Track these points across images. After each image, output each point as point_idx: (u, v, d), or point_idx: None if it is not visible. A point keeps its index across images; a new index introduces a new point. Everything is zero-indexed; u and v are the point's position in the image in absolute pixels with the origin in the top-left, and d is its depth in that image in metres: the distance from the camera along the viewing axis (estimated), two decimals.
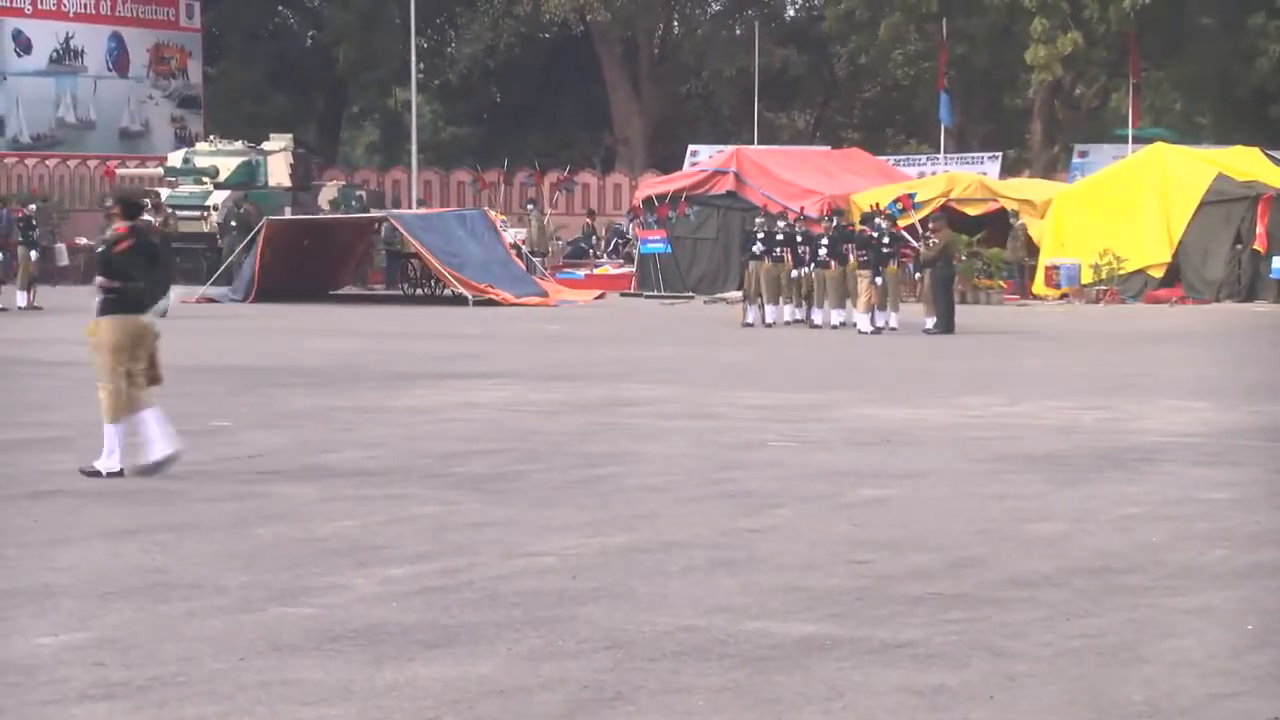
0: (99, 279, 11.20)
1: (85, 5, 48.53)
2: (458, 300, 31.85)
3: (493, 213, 36.37)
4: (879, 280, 25.79)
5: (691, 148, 44.24)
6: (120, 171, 44.18)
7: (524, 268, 34.67)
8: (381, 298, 35.27)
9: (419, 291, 34.57)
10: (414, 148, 43.53)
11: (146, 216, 30.00)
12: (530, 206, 40.50)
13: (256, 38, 54.62)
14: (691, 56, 51.09)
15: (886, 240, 26.41)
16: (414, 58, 42.75)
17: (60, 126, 48.30)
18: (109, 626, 7.08)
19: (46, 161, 46.07)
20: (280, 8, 56.59)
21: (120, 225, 11.26)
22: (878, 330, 25.63)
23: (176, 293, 28.71)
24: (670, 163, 44.27)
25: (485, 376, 18.23)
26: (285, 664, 6.54)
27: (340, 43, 51.18)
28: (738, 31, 51.78)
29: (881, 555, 8.70)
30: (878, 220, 27.25)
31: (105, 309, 11.12)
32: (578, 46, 51.71)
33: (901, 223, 28.80)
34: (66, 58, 48.58)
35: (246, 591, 7.74)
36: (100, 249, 11.44)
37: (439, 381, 17.63)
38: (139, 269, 11.17)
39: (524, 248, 36.43)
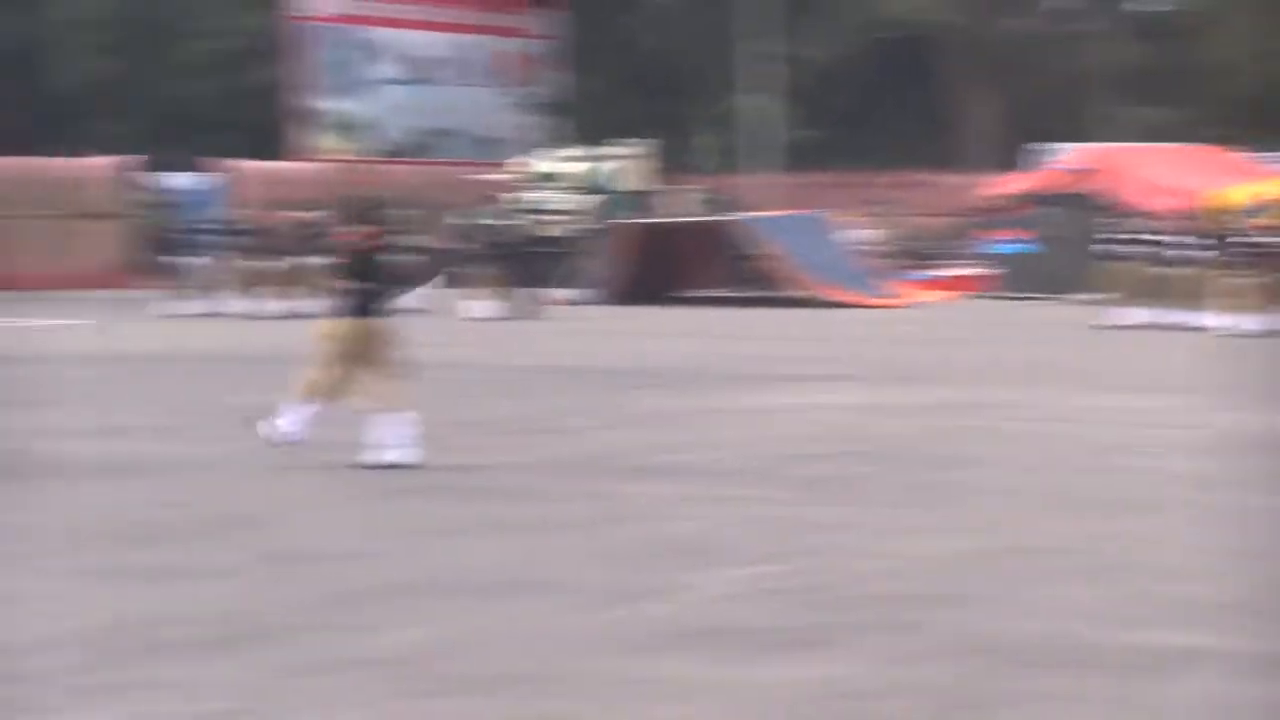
0: (338, 281, 11.68)
1: (445, 16, 50.04)
2: (806, 302, 31.82)
3: (841, 214, 36.24)
4: (1241, 281, 24.89)
5: (1044, 146, 43.37)
6: (474, 178, 45.33)
7: (872, 269, 34.46)
8: (730, 300, 35.42)
9: (768, 294, 34.63)
10: (762, 151, 43.65)
11: (492, 219, 30.75)
12: (878, 207, 40.24)
13: (609, 43, 55.49)
14: (1041, 53, 50.14)
15: (1248, 240, 25.48)
16: (760, 62, 42.88)
17: (420, 134, 49.89)
18: (462, 623, 7.24)
19: (408, 167, 47.59)
20: (630, 15, 57.40)
21: (361, 230, 11.69)
22: (1238, 333, 24.73)
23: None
24: (1021, 161, 43.49)
25: (833, 378, 18.16)
26: (636, 662, 6.60)
27: (690, 47, 51.70)
28: (1089, 26, 50.61)
29: (1249, 565, 8.37)
30: (1239, 219, 26.30)
31: (341, 310, 11.57)
32: (923, 46, 51.22)
33: (1263, 222, 27.74)
34: (425, 66, 50.17)
35: (598, 589, 7.84)
36: (341, 252, 11.87)
37: (786, 383, 17.63)
38: (369, 273, 11.58)
39: (873, 248, 36.21)
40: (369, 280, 11.57)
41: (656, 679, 6.37)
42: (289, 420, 11.49)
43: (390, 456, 11.30)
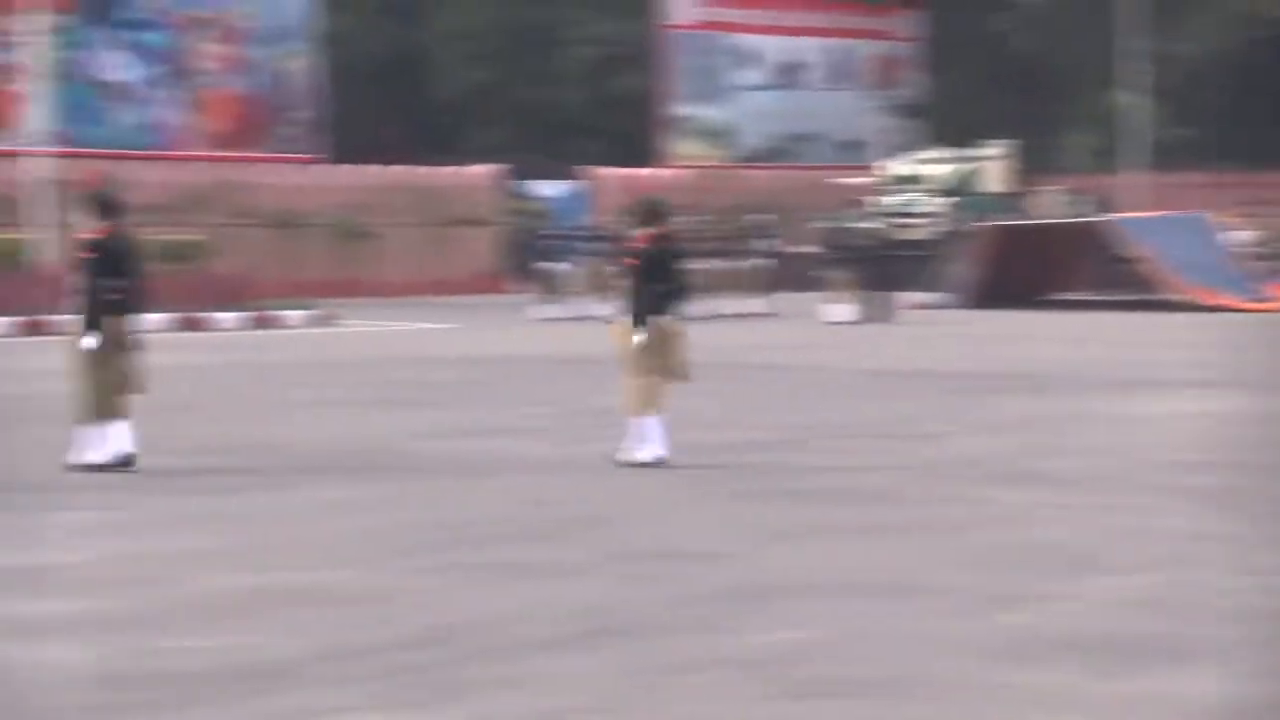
0: (630, 284, 11.89)
1: (812, 21, 50.11)
2: (1181, 306, 30.81)
3: (1220, 215, 35.00)
4: None
5: None
6: (835, 182, 45.32)
7: (1251, 272, 33.17)
8: (1098, 303, 34.56)
9: (1141, 298, 33.65)
10: (1131, 150, 42.50)
11: (853, 223, 30.65)
12: (1255, 207, 38.77)
13: (972, 44, 54.77)
14: None
15: None
16: (1129, 59, 41.75)
17: (781, 138, 50.06)
18: (825, 625, 7.15)
19: (769, 172, 47.78)
20: (998, 13, 56.55)
21: (642, 233, 11.93)
22: None
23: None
24: None
25: (1208, 385, 17.51)
26: (1010, 669, 6.42)
27: (1057, 45, 50.65)
28: None
29: None
30: None
31: (633, 311, 11.76)
32: None
33: None
34: (789, 72, 50.30)
35: (970, 595, 7.67)
36: (632, 254, 12.05)
37: (1160, 389, 17.07)
38: (660, 274, 11.78)
39: (1250, 250, 34.87)
40: (660, 282, 11.75)
41: (1026, 687, 6.19)
42: (647, 450, 11.57)
43: (643, 456, 11.48)
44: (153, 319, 27.07)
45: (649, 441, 11.56)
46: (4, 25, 35.49)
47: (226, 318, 28.72)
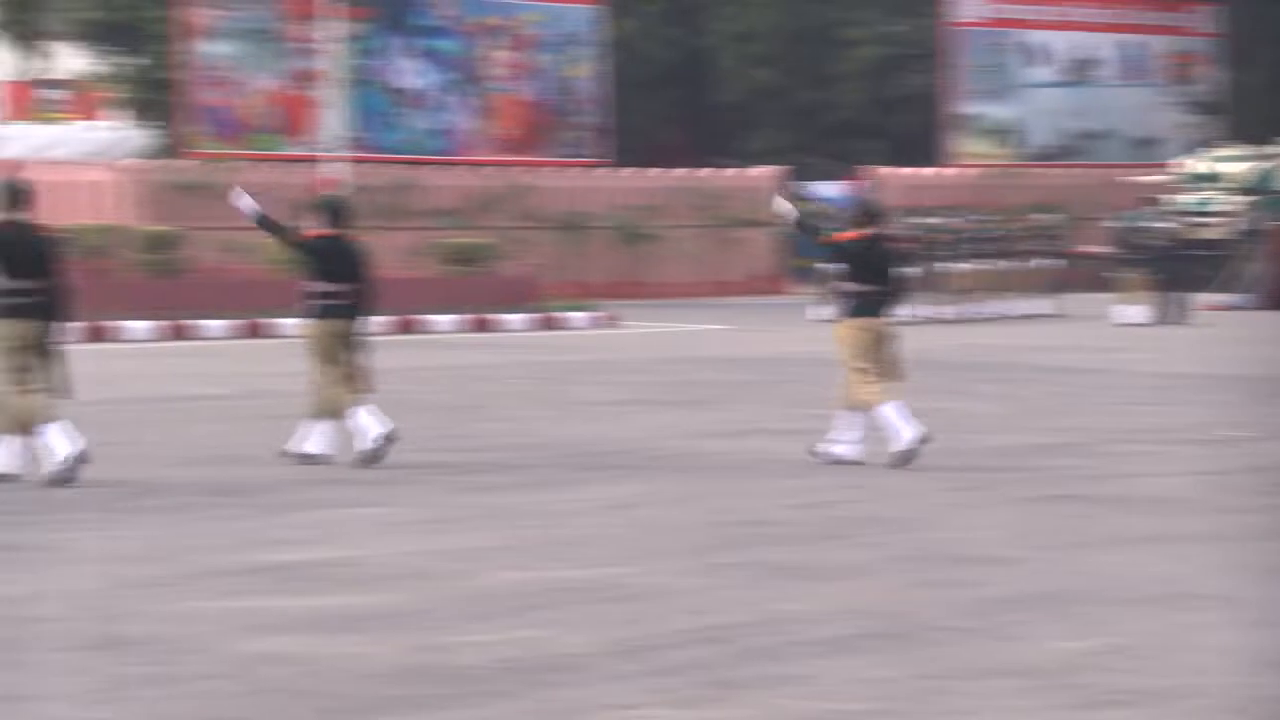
0: (839, 283, 11.99)
1: (1099, 16, 49.09)
2: None
3: None
4: None
5: None
6: (1129, 180, 44.21)
7: None
8: None
9: None
10: None
11: (1146, 222, 29.95)
12: None
13: (1275, 39, 52.99)
14: None
15: None
16: None
17: (1073, 136, 49.10)
18: (1123, 633, 6.97)
19: (1057, 170, 46.92)
20: None
21: (856, 232, 11.93)
22: None
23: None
24: None
25: None
26: None
27: None
28: None
29: None
30: None
31: (847, 311, 11.78)
32: None
33: None
34: (1080, 68, 49.34)
35: (1262, 606, 7.41)
36: (847, 254, 11.99)
37: None
38: (874, 275, 11.74)
39: None
40: (873, 283, 11.72)
41: None
42: (907, 438, 11.41)
43: (845, 452, 11.49)
44: (444, 320, 27.86)
45: (898, 430, 11.41)
46: (303, 33, 36.60)
47: (514, 319, 29.20)
